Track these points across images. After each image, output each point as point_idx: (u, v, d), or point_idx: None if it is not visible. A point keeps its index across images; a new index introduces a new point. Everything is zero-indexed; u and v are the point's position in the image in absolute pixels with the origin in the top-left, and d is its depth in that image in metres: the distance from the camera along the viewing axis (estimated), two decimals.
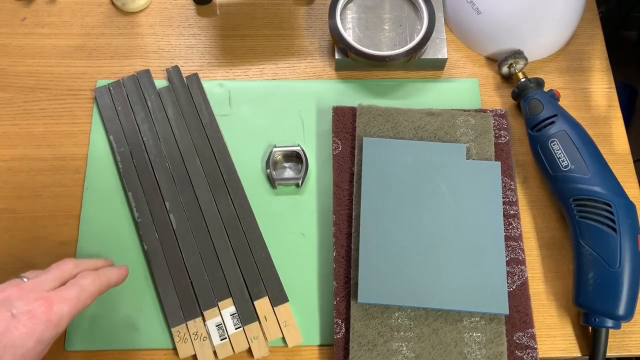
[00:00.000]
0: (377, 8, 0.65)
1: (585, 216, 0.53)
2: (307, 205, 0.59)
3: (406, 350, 0.51)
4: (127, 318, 0.54)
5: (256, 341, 0.53)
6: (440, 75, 0.65)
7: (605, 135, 0.62)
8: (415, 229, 0.54)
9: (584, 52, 0.67)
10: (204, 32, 0.67)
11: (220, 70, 0.65)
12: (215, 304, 0.54)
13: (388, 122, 0.59)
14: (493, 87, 0.65)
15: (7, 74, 0.65)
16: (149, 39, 0.67)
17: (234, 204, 0.58)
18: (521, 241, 0.56)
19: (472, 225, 0.54)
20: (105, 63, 0.65)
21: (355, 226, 0.55)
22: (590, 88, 0.65)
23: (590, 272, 0.52)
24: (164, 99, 0.62)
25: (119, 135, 0.61)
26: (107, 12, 0.68)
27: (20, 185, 0.59)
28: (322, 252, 0.57)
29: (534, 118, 0.58)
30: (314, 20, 0.68)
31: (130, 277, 0.55)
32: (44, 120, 0.62)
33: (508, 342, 0.52)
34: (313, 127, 0.62)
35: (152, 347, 0.54)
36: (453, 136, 0.58)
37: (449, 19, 0.67)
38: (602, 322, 0.51)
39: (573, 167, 0.55)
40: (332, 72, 0.65)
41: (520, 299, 0.54)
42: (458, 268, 0.52)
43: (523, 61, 0.62)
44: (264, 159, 0.60)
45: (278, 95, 0.63)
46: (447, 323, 0.52)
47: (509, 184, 0.58)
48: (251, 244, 0.56)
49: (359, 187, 0.56)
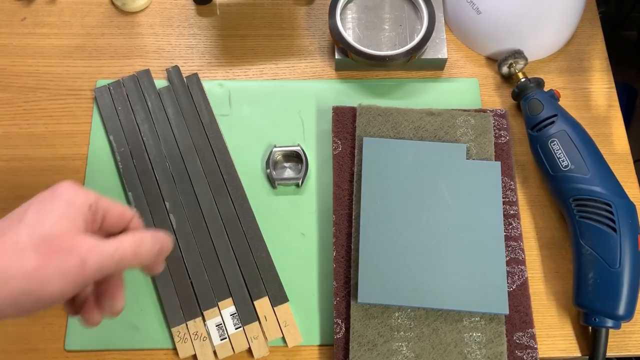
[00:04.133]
0: (377, 8, 0.65)
1: (585, 216, 0.53)
2: (307, 205, 0.59)
3: (406, 350, 0.51)
4: (127, 318, 0.54)
5: (256, 341, 0.53)
6: (440, 75, 0.65)
7: (605, 135, 0.62)
8: (415, 229, 0.54)
9: (584, 52, 0.67)
10: (204, 32, 0.67)
11: (220, 70, 0.65)
12: (215, 304, 0.54)
13: (388, 122, 0.59)
14: (493, 87, 0.65)
15: (7, 74, 0.65)
16: (149, 39, 0.67)
17: (234, 204, 0.58)
18: (521, 241, 0.56)
19: (472, 225, 0.54)
20: (105, 63, 0.65)
21: (355, 226, 0.55)
22: (590, 88, 0.65)
23: (590, 272, 0.52)
24: (164, 99, 0.62)
25: (119, 135, 0.61)
26: (107, 12, 0.68)
27: (20, 185, 0.59)
28: (322, 252, 0.57)
29: (534, 118, 0.58)
30: (314, 20, 0.68)
31: (130, 277, 0.55)
32: (44, 120, 0.62)
33: (508, 342, 0.52)
34: (313, 127, 0.62)
35: (152, 347, 0.54)
36: (453, 136, 0.58)
37: (449, 19, 0.67)
38: (602, 322, 0.51)
39: (573, 167, 0.55)
40: (332, 72, 0.65)
41: (520, 299, 0.54)
42: (458, 268, 0.52)
43: (523, 61, 0.62)
44: (264, 159, 0.60)
45: (278, 95, 0.63)
46: (447, 323, 0.52)
47: (509, 184, 0.58)
48: (251, 244, 0.56)
49: (359, 187, 0.56)
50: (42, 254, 0.34)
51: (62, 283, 0.35)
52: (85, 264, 0.35)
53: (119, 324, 0.54)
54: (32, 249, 0.34)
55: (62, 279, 0.35)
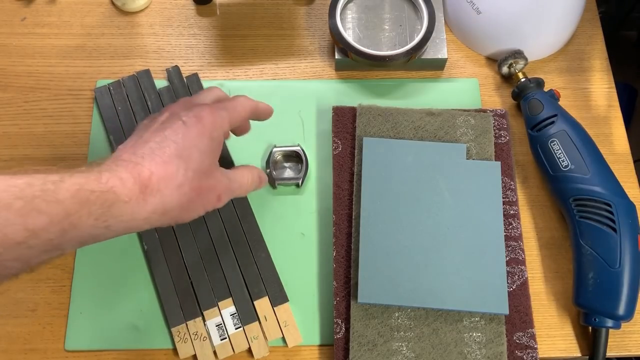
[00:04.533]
0: (377, 8, 0.65)
1: (585, 216, 0.53)
2: (307, 205, 0.59)
3: (406, 350, 0.51)
4: (127, 318, 0.54)
5: (256, 341, 0.53)
6: (440, 75, 0.65)
7: (605, 135, 0.62)
8: (415, 229, 0.54)
9: (584, 52, 0.67)
10: (204, 32, 0.67)
11: (220, 70, 0.65)
12: (215, 304, 0.54)
13: (388, 122, 0.59)
14: (493, 87, 0.65)
15: (7, 74, 0.65)
16: (149, 39, 0.67)
17: (234, 204, 0.58)
18: (521, 241, 0.56)
19: (472, 225, 0.54)
20: (105, 63, 0.65)
21: (355, 226, 0.55)
22: (590, 88, 0.65)
23: (590, 272, 0.52)
24: (164, 99, 0.62)
25: (119, 135, 0.61)
26: (107, 12, 0.68)
27: None
28: (322, 252, 0.57)
29: (534, 118, 0.58)
30: (314, 20, 0.68)
31: (130, 277, 0.56)
32: (44, 120, 0.62)
33: (508, 342, 0.52)
34: (313, 127, 0.62)
35: (152, 347, 0.54)
36: (453, 136, 0.58)
37: (449, 19, 0.67)
38: (602, 322, 0.51)
39: (573, 167, 0.55)
40: (332, 72, 0.65)
41: (520, 299, 0.54)
42: (458, 268, 0.52)
43: (523, 61, 0.62)
44: (264, 159, 0.60)
45: (278, 95, 0.63)
46: (447, 323, 0.52)
47: (509, 184, 0.58)
48: (251, 244, 0.56)
49: (359, 187, 0.56)
50: (194, 190, 0.42)
51: (200, 212, 0.44)
52: (220, 199, 0.45)
53: (119, 324, 0.54)
54: (188, 185, 0.41)
55: (202, 209, 0.44)
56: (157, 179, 0.40)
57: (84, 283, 0.55)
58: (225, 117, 0.46)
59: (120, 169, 0.39)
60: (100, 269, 0.56)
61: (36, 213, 0.34)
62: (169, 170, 0.40)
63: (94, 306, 0.55)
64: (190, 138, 0.42)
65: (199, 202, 0.43)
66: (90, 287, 0.55)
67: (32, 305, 0.55)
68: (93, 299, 0.55)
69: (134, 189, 0.38)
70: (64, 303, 0.55)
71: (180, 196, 0.41)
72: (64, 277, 0.56)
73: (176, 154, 0.41)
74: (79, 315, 0.54)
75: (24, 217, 0.33)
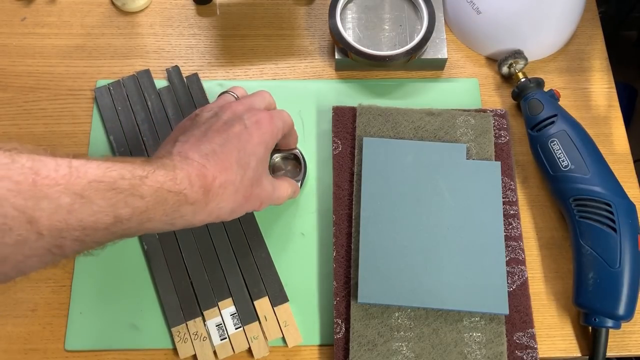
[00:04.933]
0: (377, 8, 0.65)
1: (585, 216, 0.53)
2: (307, 205, 0.59)
3: (406, 350, 0.51)
4: (127, 318, 0.54)
5: (256, 341, 0.53)
6: (440, 75, 0.65)
7: (605, 135, 0.62)
8: (415, 229, 0.54)
9: (584, 52, 0.67)
10: (204, 32, 0.67)
11: (220, 70, 0.65)
12: (215, 304, 0.54)
13: (388, 122, 0.59)
14: (493, 87, 0.65)
15: (7, 74, 0.65)
16: (149, 39, 0.67)
17: None
18: (521, 241, 0.56)
19: (472, 225, 0.54)
20: (105, 63, 0.65)
21: (355, 226, 0.55)
22: (590, 88, 0.65)
23: (590, 272, 0.52)
24: (164, 99, 0.62)
25: (119, 135, 0.61)
26: (107, 12, 0.68)
27: None
28: (322, 252, 0.57)
29: (534, 118, 0.58)
30: (314, 20, 0.68)
31: (130, 277, 0.56)
32: (44, 120, 0.62)
33: (508, 342, 0.52)
34: (313, 127, 0.62)
35: (152, 347, 0.54)
36: (453, 136, 0.58)
37: (449, 19, 0.67)
38: (602, 322, 0.51)
39: (573, 167, 0.55)
40: (332, 72, 0.65)
41: (520, 299, 0.54)
42: (458, 268, 0.52)
43: (523, 61, 0.62)
44: None
45: (278, 95, 0.63)
46: (447, 323, 0.52)
47: (509, 184, 0.58)
48: (251, 244, 0.56)
49: (359, 187, 0.56)
50: (245, 196, 0.45)
51: (241, 215, 0.46)
52: (261, 205, 0.48)
53: (119, 324, 0.54)
54: (242, 192, 0.44)
55: (243, 213, 0.46)
56: (218, 184, 0.42)
57: (84, 283, 0.55)
58: (281, 128, 0.48)
59: (191, 168, 0.41)
60: (100, 269, 0.56)
61: (123, 204, 0.36)
62: (230, 177, 0.43)
63: (94, 306, 0.55)
64: (251, 145, 0.45)
65: (245, 207, 0.46)
66: (90, 287, 0.55)
67: (32, 305, 0.55)
68: (93, 299, 0.55)
69: (199, 192, 0.41)
70: (64, 303, 0.55)
71: (233, 202, 0.44)
72: (64, 277, 0.56)
73: (237, 160, 0.43)
74: (79, 315, 0.54)
75: (114, 207, 0.36)
